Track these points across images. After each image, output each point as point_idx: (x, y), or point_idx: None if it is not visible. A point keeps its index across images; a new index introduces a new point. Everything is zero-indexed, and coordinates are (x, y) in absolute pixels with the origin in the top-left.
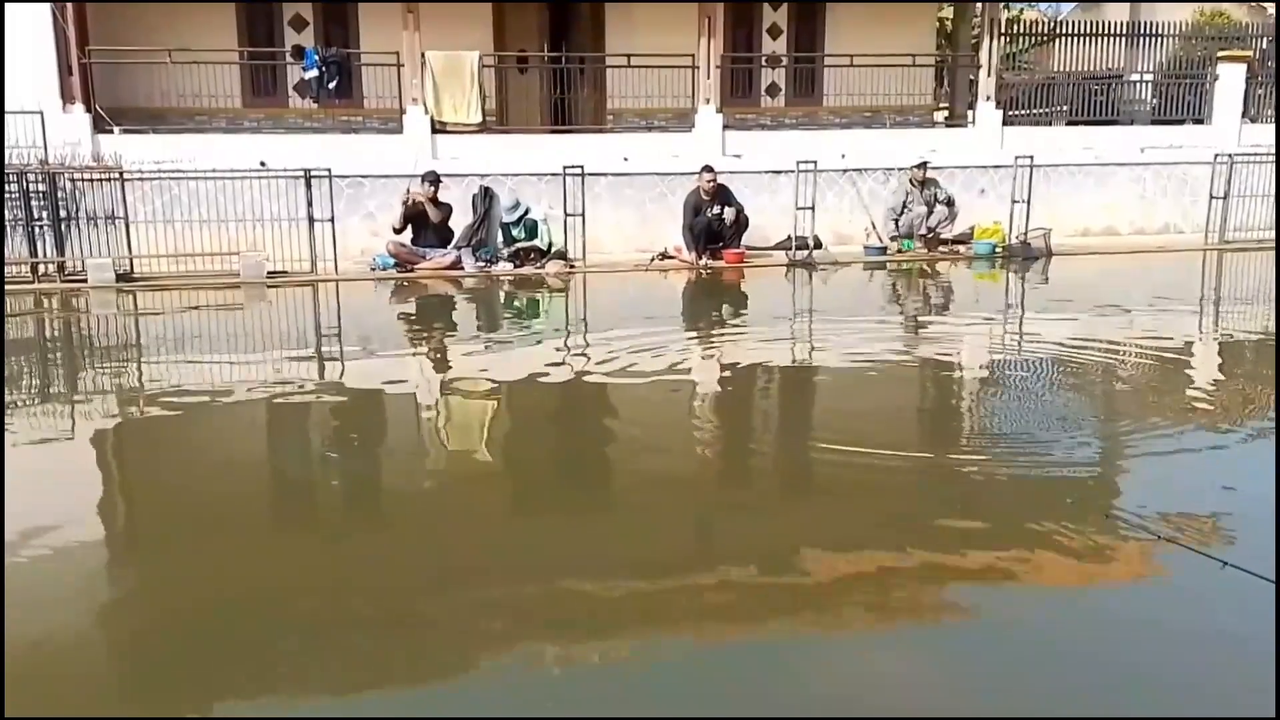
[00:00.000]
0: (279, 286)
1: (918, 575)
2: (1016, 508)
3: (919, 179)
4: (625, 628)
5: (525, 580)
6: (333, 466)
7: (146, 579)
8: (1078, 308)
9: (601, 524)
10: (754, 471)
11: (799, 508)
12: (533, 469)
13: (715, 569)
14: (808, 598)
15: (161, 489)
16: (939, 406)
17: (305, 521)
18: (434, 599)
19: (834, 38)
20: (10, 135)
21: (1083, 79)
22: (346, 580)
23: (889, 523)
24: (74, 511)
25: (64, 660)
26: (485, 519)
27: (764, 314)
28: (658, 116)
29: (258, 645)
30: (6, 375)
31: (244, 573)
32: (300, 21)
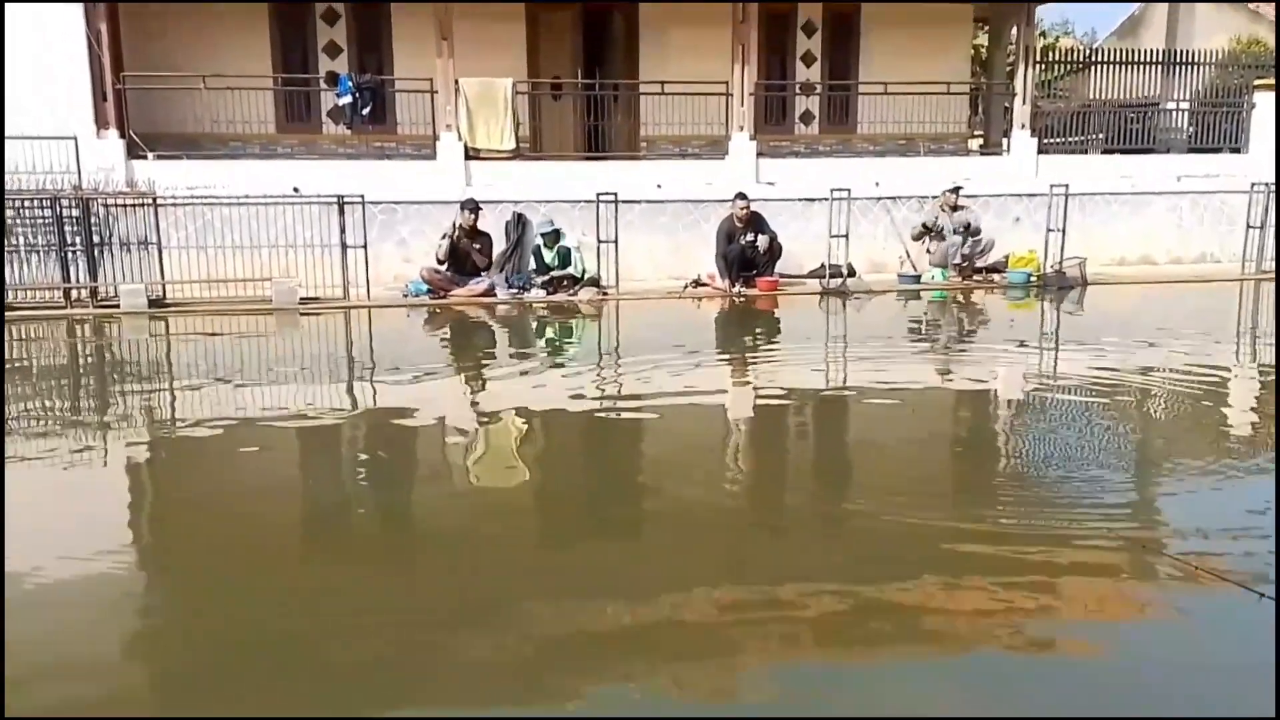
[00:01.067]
0: (311, 313)
1: (951, 607)
2: (1052, 538)
3: (951, 204)
4: (657, 656)
5: (551, 610)
6: (361, 494)
7: (170, 608)
8: (1113, 338)
9: (632, 552)
10: (785, 502)
11: (831, 540)
12: (562, 497)
13: (743, 598)
14: (842, 629)
15: (187, 516)
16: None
17: (331, 550)
18: (459, 629)
19: (868, 65)
20: (44, 160)
21: (1118, 107)
22: (371, 610)
23: (923, 553)
24: (101, 537)
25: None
26: (513, 547)
27: (798, 342)
28: (691, 144)
29: (278, 679)
30: (40, 401)
31: (265, 603)
32: (335, 48)
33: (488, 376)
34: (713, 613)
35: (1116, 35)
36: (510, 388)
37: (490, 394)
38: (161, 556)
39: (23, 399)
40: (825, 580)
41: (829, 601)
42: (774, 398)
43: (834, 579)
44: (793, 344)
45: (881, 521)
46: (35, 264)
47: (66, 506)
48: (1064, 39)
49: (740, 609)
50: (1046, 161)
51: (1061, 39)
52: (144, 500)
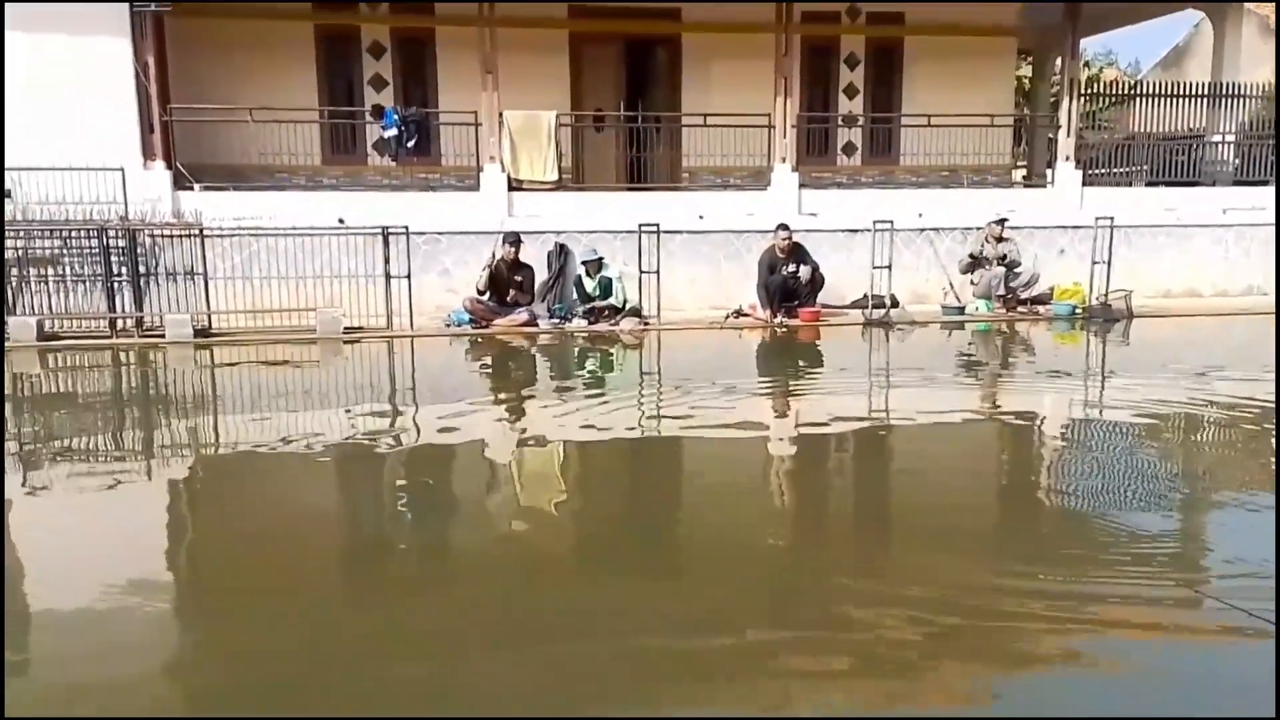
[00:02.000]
0: (355, 342)
1: (990, 643)
2: (1091, 573)
3: (996, 235)
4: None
5: (593, 640)
6: (401, 523)
7: (207, 634)
8: (1161, 370)
9: (672, 584)
10: (828, 533)
11: (876, 570)
12: (602, 527)
13: (782, 630)
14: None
15: (228, 543)
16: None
17: (370, 580)
18: (494, 660)
19: (911, 97)
20: (92, 191)
21: (1163, 139)
22: (409, 639)
23: (966, 584)
24: (143, 563)
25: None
26: (553, 577)
27: (840, 373)
28: (733, 175)
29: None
30: (86, 429)
31: (303, 631)
32: (380, 81)
33: (528, 406)
34: (749, 652)
35: (1161, 66)
36: (551, 417)
37: (530, 423)
38: (204, 581)
39: (69, 427)
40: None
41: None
42: (817, 430)
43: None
44: (836, 375)
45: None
46: (82, 293)
47: (111, 532)
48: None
49: (767, 653)
50: (1091, 193)
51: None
52: (189, 526)
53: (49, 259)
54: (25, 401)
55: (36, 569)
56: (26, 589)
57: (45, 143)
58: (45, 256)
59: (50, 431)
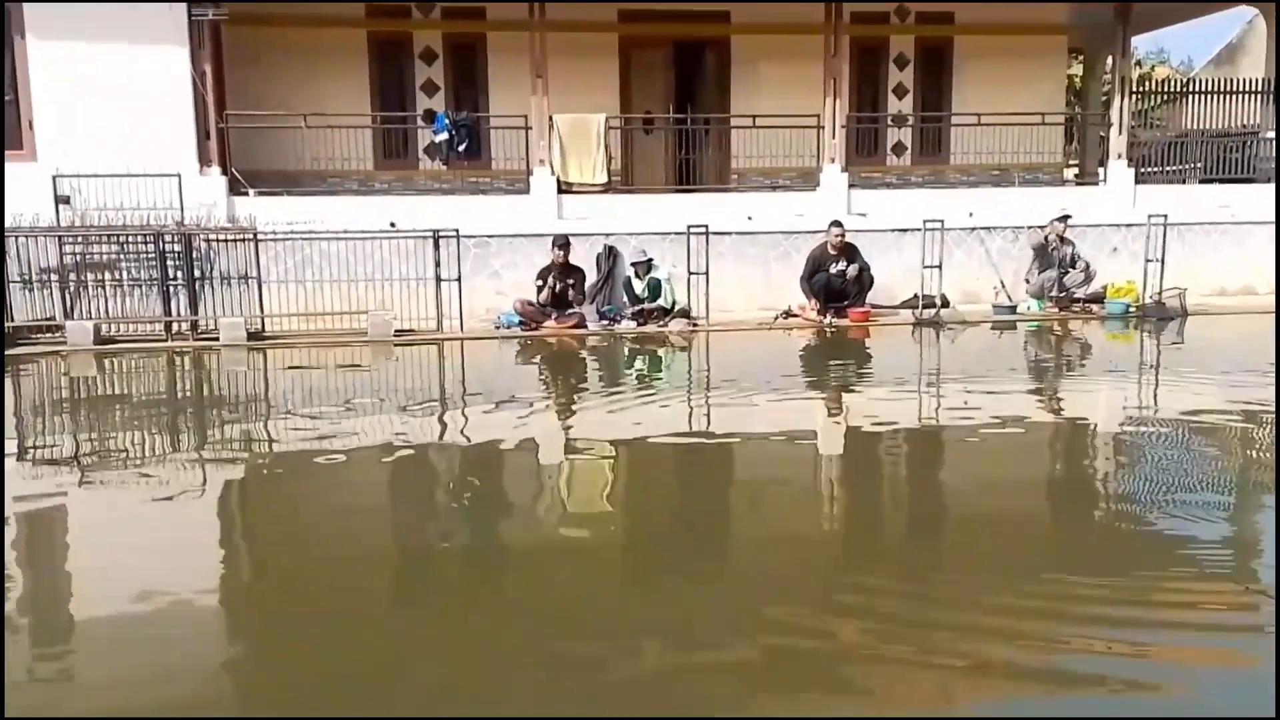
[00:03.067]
0: (406, 345)
1: (1045, 644)
2: (1143, 578)
3: (1059, 232)
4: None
5: (643, 649)
6: (452, 523)
7: (254, 640)
8: (1218, 369)
9: (723, 588)
10: (881, 539)
11: (929, 574)
12: (652, 531)
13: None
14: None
15: (277, 545)
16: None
17: (421, 581)
18: (543, 662)
19: (961, 97)
20: (149, 197)
21: (1216, 136)
22: (458, 640)
23: (1017, 585)
24: (188, 564)
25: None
26: (604, 581)
27: (891, 373)
28: (782, 176)
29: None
30: (142, 430)
31: (349, 637)
32: (432, 86)
33: (579, 407)
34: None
35: (1214, 64)
36: (601, 418)
37: (581, 424)
38: (260, 583)
39: (124, 429)
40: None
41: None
42: (870, 431)
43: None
44: (888, 375)
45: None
46: (138, 297)
47: (166, 533)
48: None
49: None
50: (1144, 191)
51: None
52: (226, 524)
53: (106, 264)
54: (82, 404)
55: (88, 572)
56: (80, 592)
57: (104, 150)
58: (103, 262)
59: (105, 433)
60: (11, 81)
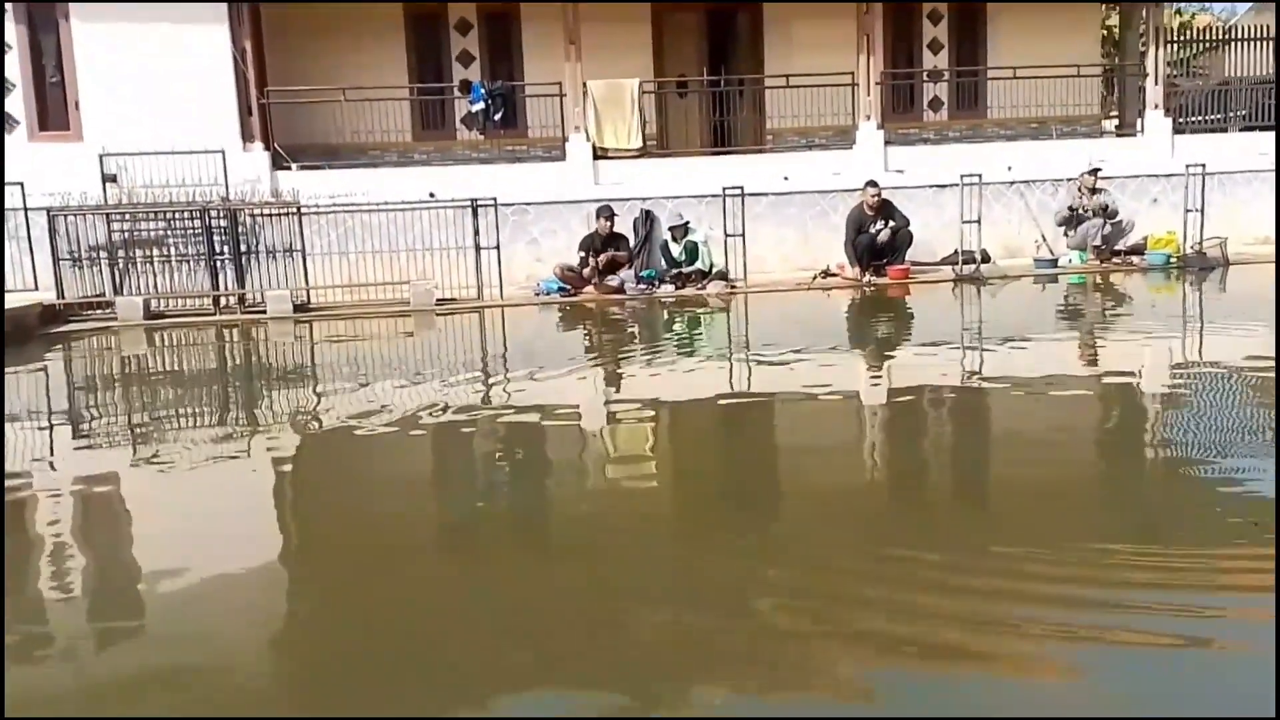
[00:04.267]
0: (447, 314)
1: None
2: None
3: (1090, 185)
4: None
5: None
6: (498, 488)
7: (293, 609)
8: (1262, 319)
9: (770, 551)
10: (925, 499)
11: (972, 534)
12: (697, 492)
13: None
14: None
15: (322, 513)
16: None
17: (467, 548)
18: (584, 632)
19: (996, 50)
20: (194, 174)
21: (1258, 83)
22: (503, 608)
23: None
24: (230, 536)
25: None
26: (650, 545)
27: (931, 331)
28: (817, 135)
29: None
30: (196, 402)
31: (399, 599)
32: (467, 57)
33: (623, 370)
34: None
35: (1254, 10)
36: (644, 381)
37: (626, 386)
38: (315, 551)
39: (176, 403)
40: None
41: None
42: (911, 392)
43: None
44: (925, 333)
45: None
46: (186, 272)
47: (214, 503)
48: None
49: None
50: (1183, 141)
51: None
52: (298, 496)
53: (154, 240)
54: (133, 379)
55: (143, 542)
56: (140, 559)
57: (149, 128)
58: (150, 238)
59: (156, 407)
60: (57, 64)
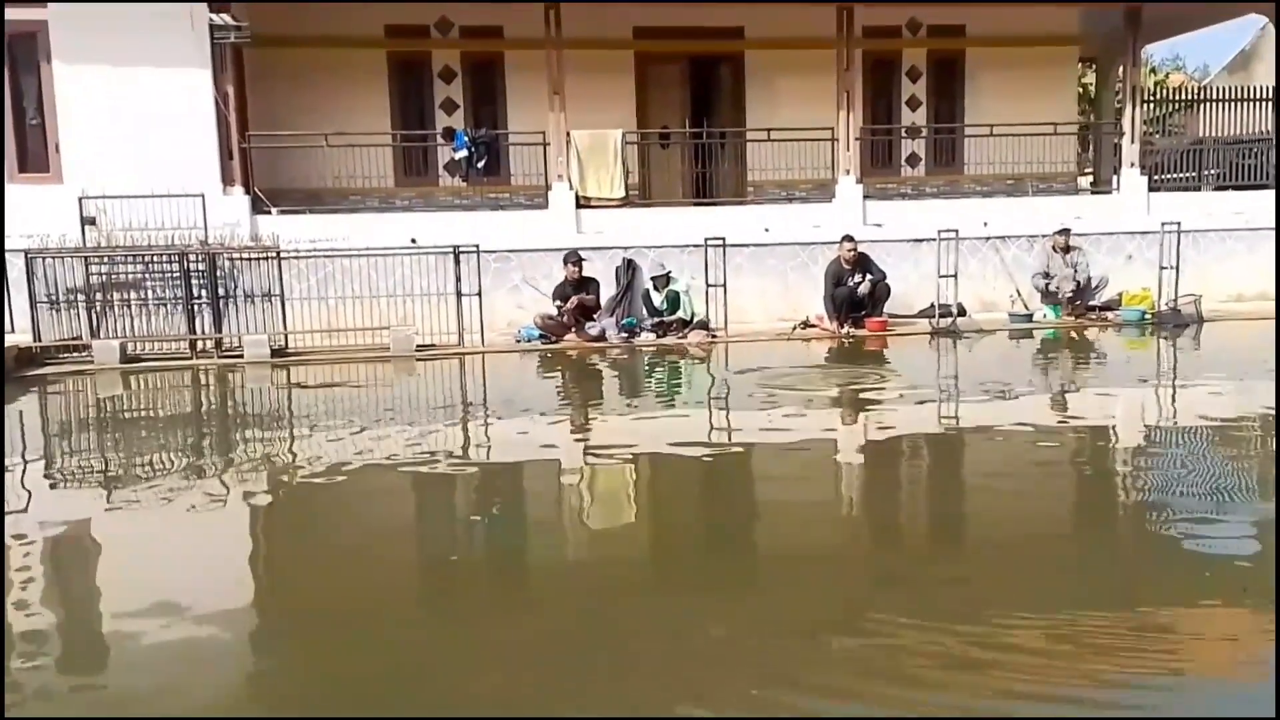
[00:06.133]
0: (427, 359)
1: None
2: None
3: (1060, 245)
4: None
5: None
6: (475, 537)
7: (290, 651)
8: (1235, 376)
9: (748, 599)
10: (898, 546)
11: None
12: (671, 542)
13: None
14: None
15: (296, 561)
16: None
17: (443, 595)
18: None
19: (974, 107)
20: (173, 217)
21: (1231, 143)
22: (481, 654)
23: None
24: (204, 582)
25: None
26: (625, 594)
27: (908, 382)
28: (798, 188)
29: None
30: (166, 448)
31: (367, 654)
32: (451, 104)
33: (599, 419)
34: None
35: (1228, 71)
36: (621, 430)
37: (602, 435)
38: (286, 599)
39: (151, 446)
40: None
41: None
42: (884, 442)
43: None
44: (903, 385)
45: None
46: (163, 316)
47: (188, 549)
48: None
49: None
50: (1158, 199)
51: (1172, 75)
52: (268, 544)
53: (132, 283)
54: (108, 422)
55: (113, 588)
56: (106, 609)
57: (129, 171)
58: (128, 281)
59: (131, 450)
60: (38, 106)
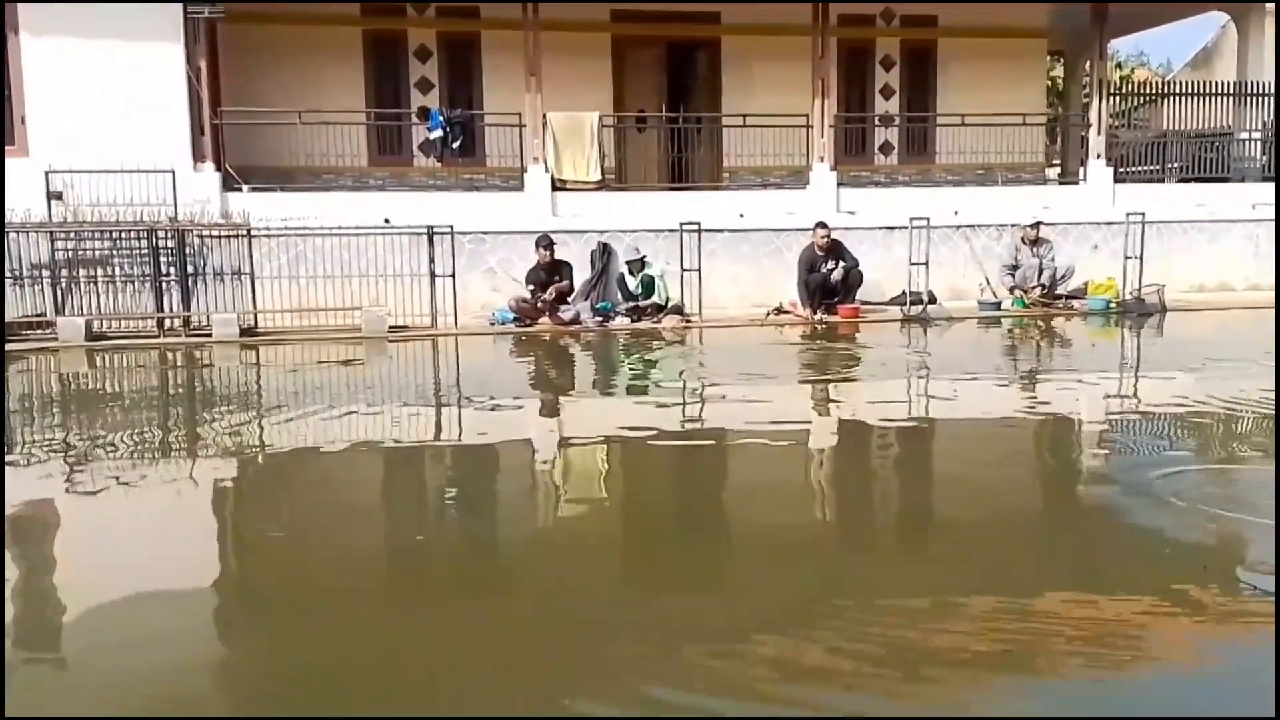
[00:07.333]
0: (400, 341)
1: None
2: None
3: (1030, 238)
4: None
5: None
6: (442, 523)
7: (256, 635)
8: (1198, 363)
9: (717, 587)
10: (871, 531)
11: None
12: (642, 527)
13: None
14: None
15: (270, 542)
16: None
17: (411, 583)
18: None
19: (945, 98)
20: (142, 193)
21: (1194, 137)
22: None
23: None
24: (167, 563)
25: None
26: (594, 581)
27: (879, 368)
28: (773, 174)
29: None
30: (128, 427)
31: (333, 641)
32: (426, 84)
33: (571, 403)
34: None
35: (1190, 66)
36: (592, 414)
37: (572, 420)
38: (252, 581)
39: (113, 426)
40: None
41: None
42: (854, 425)
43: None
44: (876, 369)
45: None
46: (130, 293)
47: (153, 533)
48: (1140, 70)
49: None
50: (1123, 190)
51: (1137, 70)
52: (233, 526)
53: (99, 260)
54: (72, 400)
55: (77, 572)
56: (67, 593)
57: (97, 146)
58: (95, 258)
59: (94, 430)
60: (3, 77)
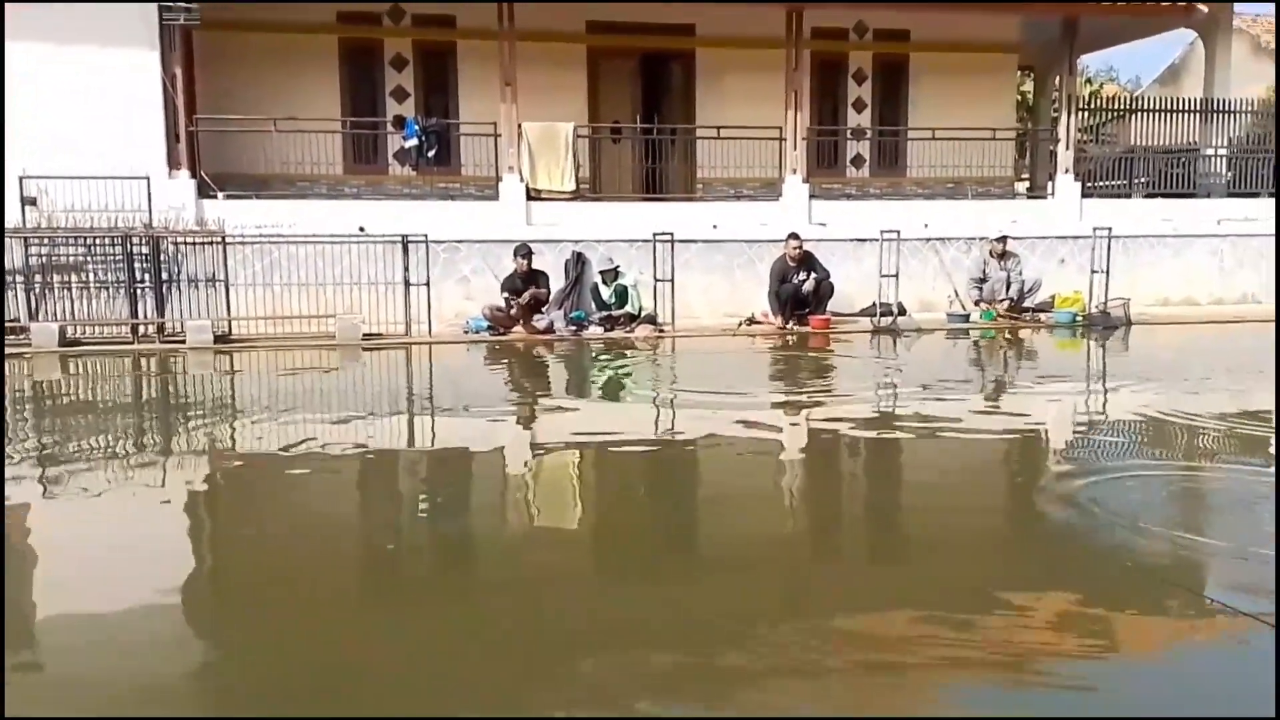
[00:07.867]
0: (374, 349)
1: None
2: (1092, 580)
3: (998, 251)
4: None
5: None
6: (415, 530)
7: (230, 643)
8: (1160, 376)
9: (689, 591)
10: (836, 538)
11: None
12: (614, 534)
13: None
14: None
15: (233, 552)
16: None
17: (384, 591)
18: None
19: (917, 111)
20: (117, 199)
21: (1160, 152)
22: (419, 647)
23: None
24: (161, 572)
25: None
26: (568, 586)
27: (848, 378)
28: (746, 186)
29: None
30: (103, 434)
31: (306, 649)
32: (402, 93)
33: (543, 412)
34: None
35: (1158, 83)
36: (566, 423)
37: (544, 429)
38: (226, 589)
39: (86, 432)
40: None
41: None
42: (824, 432)
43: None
44: (846, 379)
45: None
46: (105, 300)
47: (125, 538)
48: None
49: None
50: (1090, 205)
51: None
52: (206, 533)
53: (73, 266)
54: (45, 406)
55: (53, 579)
56: (43, 600)
57: (72, 151)
58: (69, 263)
59: (67, 436)
60: None
